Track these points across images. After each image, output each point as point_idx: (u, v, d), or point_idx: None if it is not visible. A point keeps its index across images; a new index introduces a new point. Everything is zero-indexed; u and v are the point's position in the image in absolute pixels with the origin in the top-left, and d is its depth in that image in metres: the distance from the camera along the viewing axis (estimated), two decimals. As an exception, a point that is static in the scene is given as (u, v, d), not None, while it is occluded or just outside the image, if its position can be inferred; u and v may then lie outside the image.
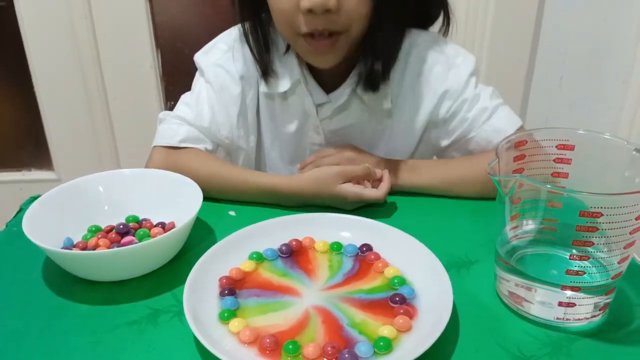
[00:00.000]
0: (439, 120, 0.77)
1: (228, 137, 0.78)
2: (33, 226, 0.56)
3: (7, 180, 1.53)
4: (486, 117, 0.74)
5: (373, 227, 0.60)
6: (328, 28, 0.65)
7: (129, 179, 0.66)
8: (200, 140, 0.77)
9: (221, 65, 0.78)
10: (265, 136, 0.82)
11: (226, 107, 0.77)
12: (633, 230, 0.45)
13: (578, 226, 0.45)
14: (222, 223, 0.66)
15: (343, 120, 0.79)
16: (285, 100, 0.79)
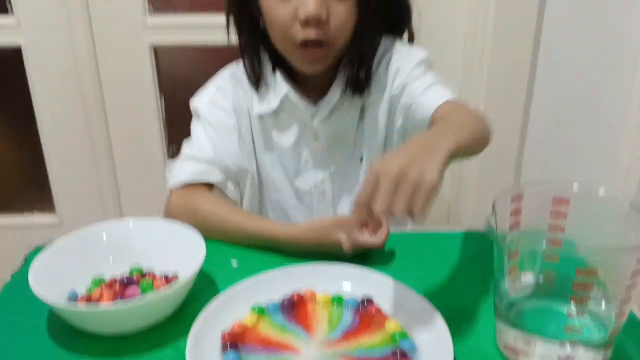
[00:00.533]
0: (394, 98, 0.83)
1: (235, 165, 0.84)
2: (39, 279, 0.57)
3: (9, 225, 1.53)
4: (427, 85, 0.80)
5: (375, 279, 0.60)
6: (320, 38, 0.73)
7: (133, 229, 0.67)
8: (208, 173, 0.82)
9: (214, 103, 0.86)
10: (265, 160, 0.87)
11: (225, 138, 0.84)
12: (629, 287, 0.46)
13: (575, 283, 0.46)
14: (224, 273, 0.66)
15: (338, 120, 0.84)
16: (277, 118, 0.85)
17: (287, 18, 0.73)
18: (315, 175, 0.87)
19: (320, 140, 0.85)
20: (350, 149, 0.87)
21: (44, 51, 1.35)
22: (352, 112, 0.85)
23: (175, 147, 1.50)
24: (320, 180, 0.87)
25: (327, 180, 0.87)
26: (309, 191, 0.88)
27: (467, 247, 0.73)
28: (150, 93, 1.40)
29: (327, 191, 0.87)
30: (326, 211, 0.88)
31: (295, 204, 0.89)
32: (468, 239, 0.75)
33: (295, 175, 0.87)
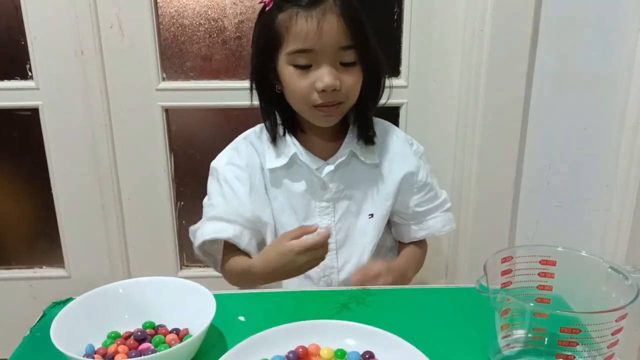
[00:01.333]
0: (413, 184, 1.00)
1: (251, 215, 0.95)
2: (59, 333, 0.60)
3: (18, 277, 1.56)
4: (447, 208, 1.04)
5: (376, 335, 0.64)
6: (335, 100, 0.88)
7: (147, 286, 0.71)
8: (224, 230, 0.94)
9: (230, 162, 0.98)
10: (277, 206, 0.98)
11: (240, 190, 0.96)
12: (610, 344, 0.50)
13: (560, 340, 0.50)
14: (232, 328, 0.70)
15: (345, 174, 0.97)
16: (289, 170, 0.97)
17: (306, 88, 0.87)
18: (321, 220, 0.97)
19: (328, 191, 0.96)
20: (357, 204, 0.99)
21: (60, 112, 1.42)
22: (359, 172, 0.98)
23: (182, 203, 1.55)
24: (324, 225, 0.96)
25: (331, 226, 0.97)
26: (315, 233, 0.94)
27: (464, 302, 0.76)
28: (161, 151, 1.46)
29: (332, 235, 0.96)
30: (330, 254, 0.97)
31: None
32: (465, 294, 0.79)
33: (304, 219, 0.97)
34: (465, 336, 0.68)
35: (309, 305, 0.76)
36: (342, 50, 0.86)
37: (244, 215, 0.96)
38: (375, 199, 0.99)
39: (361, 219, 0.98)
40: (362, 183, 0.99)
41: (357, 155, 0.97)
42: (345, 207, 0.98)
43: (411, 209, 1.01)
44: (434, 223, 1.03)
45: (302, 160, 0.95)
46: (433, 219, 1.03)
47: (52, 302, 0.76)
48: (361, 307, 0.75)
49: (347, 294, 0.78)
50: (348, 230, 0.98)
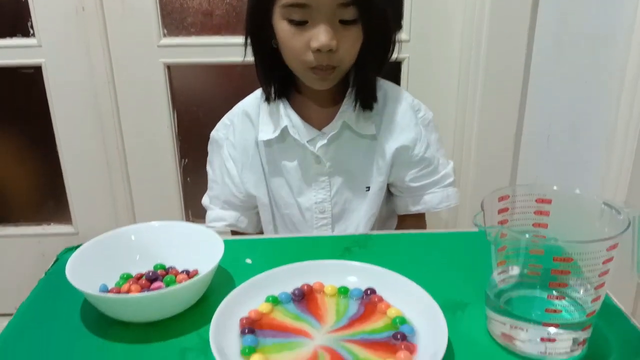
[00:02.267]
0: (409, 158, 0.96)
1: (247, 195, 0.97)
2: (73, 273, 0.63)
3: (27, 234, 1.60)
4: (447, 183, 0.99)
5: (377, 273, 0.66)
6: (329, 63, 0.83)
7: (157, 230, 0.73)
8: (223, 219, 0.99)
9: (226, 137, 0.99)
10: (274, 180, 0.98)
11: (233, 170, 0.97)
12: (602, 273, 0.52)
13: (553, 269, 0.52)
14: (240, 270, 0.73)
15: (339, 146, 0.94)
16: (284, 142, 0.95)
17: (301, 46, 0.82)
18: (316, 194, 0.96)
19: (322, 164, 0.94)
20: (353, 176, 0.96)
21: (62, 70, 1.43)
22: (354, 144, 0.95)
23: (186, 161, 1.57)
24: (320, 200, 0.96)
25: (327, 200, 0.96)
26: (310, 207, 0.97)
27: (463, 246, 0.79)
28: (164, 108, 1.48)
29: (327, 210, 0.97)
30: (325, 228, 0.98)
31: (301, 219, 0.99)
32: (465, 238, 0.81)
33: (298, 192, 0.97)
34: (463, 274, 0.71)
35: (313, 249, 0.79)
36: (342, 7, 0.79)
37: (239, 196, 0.98)
38: (372, 172, 0.96)
39: (357, 192, 0.97)
40: (358, 155, 0.95)
41: (352, 127, 0.93)
42: (341, 181, 0.96)
43: (405, 184, 0.98)
44: (430, 199, 0.99)
45: (293, 135, 0.92)
46: (430, 194, 0.99)
47: (65, 248, 0.78)
48: (363, 251, 0.78)
49: (349, 239, 0.81)
50: (344, 204, 0.97)
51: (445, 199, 0.99)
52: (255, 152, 0.97)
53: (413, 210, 1.00)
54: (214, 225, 1.00)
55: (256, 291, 0.64)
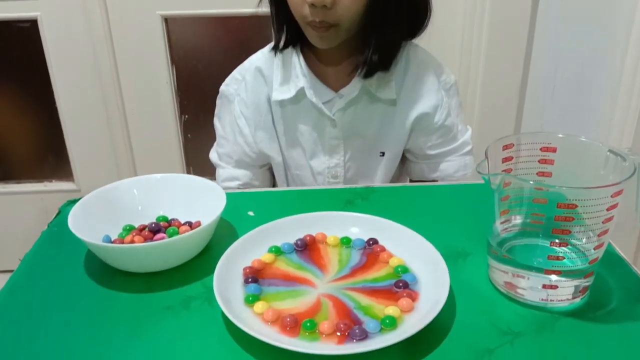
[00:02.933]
0: (428, 125, 0.92)
1: (259, 154, 0.95)
2: (76, 225, 0.63)
3: (30, 191, 1.60)
4: (466, 151, 0.96)
5: (379, 223, 0.66)
6: (324, 20, 0.79)
7: (159, 182, 0.73)
8: (234, 178, 0.97)
9: (237, 93, 0.94)
10: (286, 140, 0.95)
11: (245, 128, 0.94)
12: (605, 220, 0.52)
13: (556, 216, 0.52)
14: (242, 222, 0.73)
15: (356, 111, 0.90)
16: (298, 104, 0.91)
17: (299, 1, 0.79)
18: (330, 159, 0.94)
19: (337, 127, 0.91)
20: (369, 141, 0.93)
21: (59, 23, 1.41)
22: (372, 109, 0.91)
23: (186, 117, 1.56)
24: (333, 164, 0.94)
25: (340, 165, 0.94)
26: (322, 172, 0.95)
27: (465, 197, 0.79)
28: (162, 63, 1.45)
29: (339, 175, 0.95)
30: None
31: (313, 182, 0.97)
32: (466, 190, 0.81)
33: (311, 155, 0.94)
34: (465, 225, 0.71)
35: (315, 201, 0.79)
36: None
37: (252, 156, 0.96)
38: (388, 138, 0.93)
39: (372, 158, 0.94)
40: (376, 120, 0.92)
41: (371, 91, 0.88)
42: (356, 145, 0.93)
43: (422, 151, 0.95)
44: (446, 167, 0.96)
45: (310, 97, 0.88)
46: (446, 162, 0.96)
47: (67, 200, 0.78)
48: (365, 203, 0.77)
49: (351, 191, 0.81)
50: (357, 169, 0.95)
51: (462, 167, 0.96)
52: (268, 111, 0.93)
53: (428, 178, 0.97)
54: (228, 185, 0.97)
55: (259, 242, 0.64)
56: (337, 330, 0.52)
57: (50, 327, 0.56)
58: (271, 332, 0.52)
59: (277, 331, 0.52)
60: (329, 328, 0.52)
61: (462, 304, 0.57)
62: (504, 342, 0.52)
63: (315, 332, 0.52)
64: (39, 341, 0.54)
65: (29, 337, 0.54)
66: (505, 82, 1.36)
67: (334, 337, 0.52)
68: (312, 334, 0.52)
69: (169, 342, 0.53)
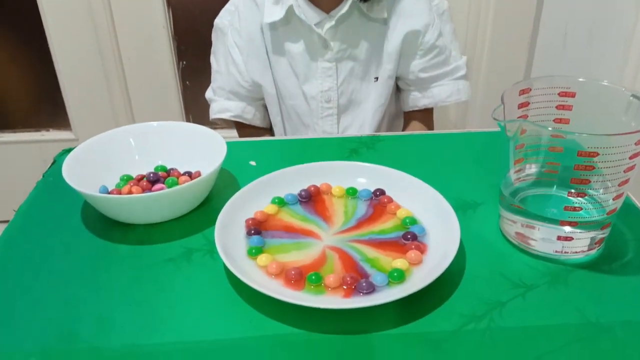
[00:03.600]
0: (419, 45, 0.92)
1: (253, 84, 0.95)
2: (71, 175, 0.60)
3: (27, 140, 1.57)
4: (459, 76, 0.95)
5: (386, 173, 0.64)
6: None
7: (156, 131, 0.70)
8: (227, 109, 0.97)
9: (230, 24, 0.95)
10: (279, 68, 0.95)
11: (238, 58, 0.94)
12: (627, 169, 0.49)
13: (576, 165, 0.49)
14: (244, 172, 0.70)
15: (347, 30, 0.90)
16: (289, 25, 0.91)
17: None
18: (323, 82, 0.93)
19: (330, 49, 0.90)
20: (362, 64, 0.93)
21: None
22: (364, 29, 0.90)
23: (184, 63, 1.51)
24: (326, 88, 0.93)
25: (333, 89, 0.93)
26: (315, 96, 0.94)
27: (475, 146, 0.76)
28: (158, 6, 1.40)
29: (332, 99, 0.93)
30: (330, 118, 0.95)
31: (307, 110, 0.95)
32: (476, 138, 0.78)
33: (304, 80, 0.93)
34: (474, 175, 0.69)
35: (319, 150, 0.76)
36: None
37: (245, 85, 0.95)
38: (380, 60, 0.93)
39: (366, 82, 0.94)
40: (368, 41, 0.92)
41: (361, 9, 0.88)
42: (349, 68, 0.93)
43: (414, 74, 0.94)
44: (438, 92, 0.95)
45: (299, 14, 0.88)
46: (438, 87, 0.95)
47: (62, 149, 0.76)
48: (371, 152, 0.75)
49: (356, 140, 0.78)
50: (351, 94, 0.94)
51: (455, 92, 0.95)
52: (261, 39, 0.93)
53: (420, 105, 0.97)
54: (219, 117, 0.98)
55: (261, 193, 0.62)
56: (343, 284, 0.50)
57: (48, 279, 0.54)
58: (275, 285, 0.50)
59: (281, 284, 0.51)
60: (334, 281, 0.50)
61: (472, 256, 0.55)
62: (515, 294, 0.51)
63: (321, 285, 0.50)
64: (36, 293, 0.52)
65: (27, 289, 0.53)
66: (515, 31, 1.30)
67: (340, 290, 0.50)
68: (318, 287, 0.50)
69: (171, 294, 0.52)
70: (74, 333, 0.48)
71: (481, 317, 0.49)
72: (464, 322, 0.48)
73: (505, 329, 0.47)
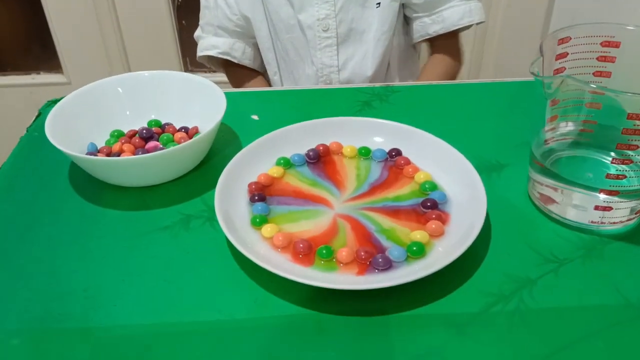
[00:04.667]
0: None
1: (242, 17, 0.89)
2: (55, 132, 0.55)
3: (17, 84, 1.50)
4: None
5: (402, 131, 0.58)
6: None
7: (148, 81, 0.64)
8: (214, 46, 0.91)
9: None
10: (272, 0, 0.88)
11: None
12: (680, 133, 0.43)
13: (624, 129, 0.43)
14: (245, 127, 0.64)
15: None
16: None
17: None
18: (319, 9, 0.85)
19: None
20: None
21: None
22: None
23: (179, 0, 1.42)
24: (323, 16, 0.85)
25: (331, 17, 0.85)
26: (311, 25, 0.86)
27: (502, 99, 0.69)
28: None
29: (331, 28, 0.86)
30: (329, 50, 0.88)
31: (304, 42, 0.88)
32: (503, 88, 0.71)
33: (299, 8, 0.86)
34: (500, 132, 0.63)
35: (327, 103, 0.70)
36: None
37: (233, 19, 0.89)
38: None
39: (367, 9, 0.86)
40: None
41: None
42: None
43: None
44: (449, 14, 0.87)
45: None
46: (449, 9, 0.87)
47: (47, 100, 0.69)
48: (385, 105, 0.68)
49: (368, 91, 0.71)
50: (351, 22, 0.86)
51: (467, 13, 0.87)
52: None
53: (431, 31, 0.89)
54: (206, 54, 0.92)
55: (265, 153, 0.56)
56: (357, 260, 0.45)
57: (31, 249, 0.49)
58: (282, 260, 0.46)
59: (288, 259, 0.46)
60: (347, 256, 0.45)
61: (497, 226, 0.50)
62: (547, 270, 0.46)
63: (332, 260, 0.45)
64: (18, 265, 0.48)
65: (8, 260, 0.48)
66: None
67: (354, 266, 0.45)
68: (329, 262, 0.45)
69: (166, 266, 0.47)
70: (61, 311, 0.44)
71: (509, 297, 0.44)
72: (490, 303, 0.43)
73: (536, 311, 0.43)
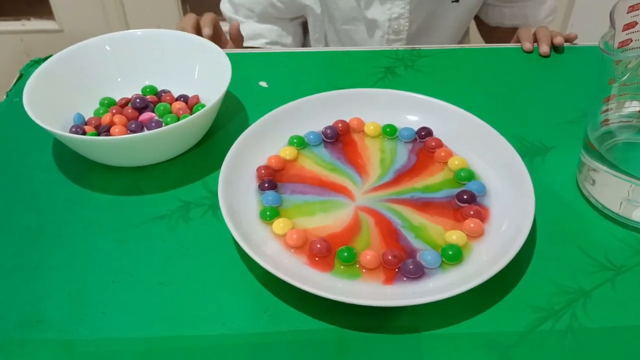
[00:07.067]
0: None
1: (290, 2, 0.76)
2: (36, 101, 0.47)
3: (6, 31, 1.40)
4: None
5: (434, 107, 0.50)
6: None
7: (142, 41, 0.56)
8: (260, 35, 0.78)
9: None
10: None
11: None
12: None
13: None
14: (253, 96, 0.57)
15: None
16: None
17: None
18: (392, 7, 0.73)
19: None
20: None
21: None
22: None
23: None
24: (396, 15, 0.74)
25: (405, 16, 0.74)
26: (381, 24, 0.75)
27: (547, 68, 0.61)
28: None
29: (402, 29, 0.75)
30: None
31: (366, 39, 0.77)
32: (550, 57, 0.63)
33: (367, 4, 0.74)
34: (545, 109, 0.55)
35: (346, 69, 0.62)
36: None
37: (278, 5, 0.76)
38: None
39: (443, 6, 0.75)
40: None
41: None
42: None
43: None
44: (534, 11, 0.77)
45: None
46: (536, 4, 0.78)
47: (31, 59, 0.62)
48: (411, 73, 0.61)
49: (392, 55, 0.63)
50: (425, 20, 0.76)
51: (552, 10, 0.79)
52: None
53: (507, 23, 0.80)
54: (252, 44, 0.79)
55: (276, 130, 0.49)
56: (384, 264, 0.39)
57: (8, 241, 0.43)
58: (296, 264, 0.39)
59: (304, 262, 0.39)
60: (372, 260, 0.39)
61: (543, 224, 0.44)
62: (602, 280, 0.40)
63: (355, 265, 0.39)
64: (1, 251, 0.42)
65: (-17, 255, 0.42)
66: None
67: (380, 272, 0.39)
68: (351, 268, 0.39)
69: (162, 265, 0.41)
70: (41, 318, 0.38)
71: (559, 312, 0.38)
72: (538, 321, 0.37)
73: (591, 331, 0.37)
